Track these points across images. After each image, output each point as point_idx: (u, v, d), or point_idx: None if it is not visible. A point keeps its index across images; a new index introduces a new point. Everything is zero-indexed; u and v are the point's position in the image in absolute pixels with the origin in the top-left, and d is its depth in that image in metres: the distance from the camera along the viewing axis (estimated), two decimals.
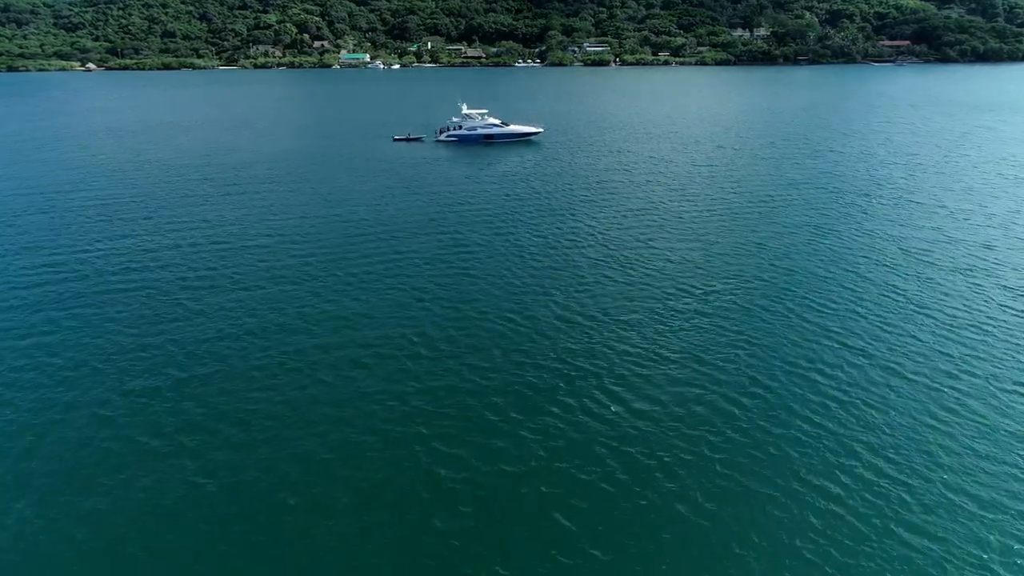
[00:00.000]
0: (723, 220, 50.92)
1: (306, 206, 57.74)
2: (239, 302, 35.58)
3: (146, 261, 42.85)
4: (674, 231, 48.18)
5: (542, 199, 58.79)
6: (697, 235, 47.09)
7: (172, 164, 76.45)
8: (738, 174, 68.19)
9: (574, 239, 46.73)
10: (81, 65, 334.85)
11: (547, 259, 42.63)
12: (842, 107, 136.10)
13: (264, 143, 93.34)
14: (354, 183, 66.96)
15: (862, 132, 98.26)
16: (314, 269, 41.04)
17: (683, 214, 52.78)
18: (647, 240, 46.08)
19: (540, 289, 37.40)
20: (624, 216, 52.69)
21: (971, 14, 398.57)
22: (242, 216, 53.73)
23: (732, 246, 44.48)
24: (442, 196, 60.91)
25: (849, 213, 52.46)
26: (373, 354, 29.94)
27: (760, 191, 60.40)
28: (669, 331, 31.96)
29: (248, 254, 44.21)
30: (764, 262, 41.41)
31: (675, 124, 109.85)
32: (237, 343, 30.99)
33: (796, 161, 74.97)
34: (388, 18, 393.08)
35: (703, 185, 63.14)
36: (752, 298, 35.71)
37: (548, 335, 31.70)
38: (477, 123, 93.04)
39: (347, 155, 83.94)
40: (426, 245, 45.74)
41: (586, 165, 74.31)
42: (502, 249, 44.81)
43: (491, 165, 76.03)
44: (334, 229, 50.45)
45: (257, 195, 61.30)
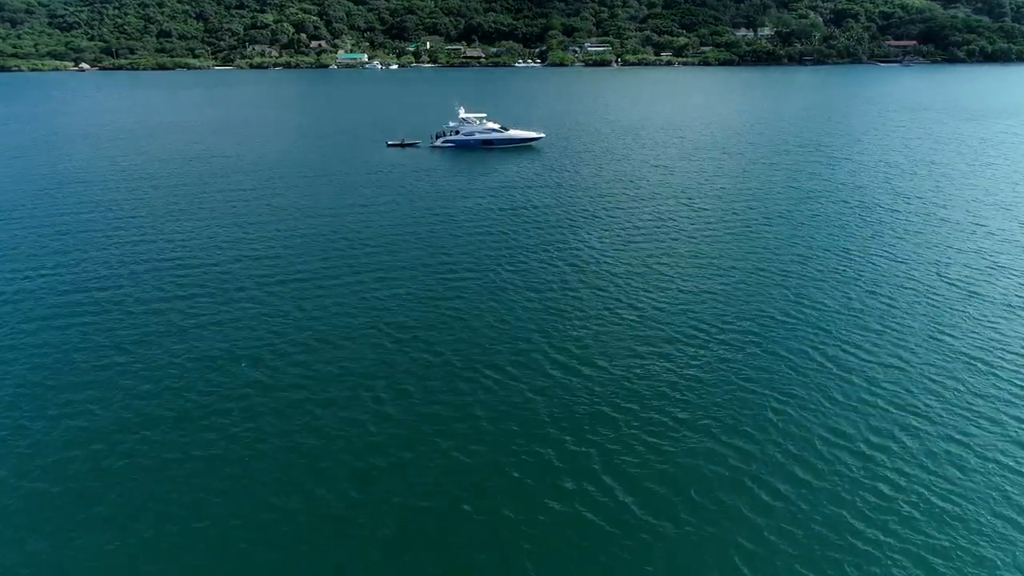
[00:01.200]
0: (739, 241, 46.03)
1: (282, 222, 52.96)
2: (189, 328, 30.79)
3: (97, 283, 38.16)
4: (685, 253, 43.31)
5: (541, 214, 53.93)
6: (711, 259, 42.22)
7: (146, 173, 71.60)
8: (751, 185, 63.31)
9: (575, 263, 41.88)
10: (75, 65, 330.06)
11: (545, 288, 37.79)
12: (852, 110, 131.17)
13: (247, 149, 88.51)
14: (339, 195, 62.18)
15: (877, 137, 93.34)
16: (277, 300, 36.24)
17: (694, 233, 47.90)
18: (655, 264, 41.21)
19: (535, 327, 32.54)
20: (630, 235, 47.83)
21: (977, 13, 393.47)
22: (209, 232, 48.95)
23: (751, 274, 39.59)
24: (433, 211, 56.20)
25: (878, 233, 47.52)
26: (332, 415, 25.13)
27: (776, 206, 55.50)
28: (684, 385, 27.11)
29: (206, 276, 39.55)
30: (789, 294, 36.52)
31: (680, 128, 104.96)
32: (188, 377, 26.20)
33: (812, 171, 70.07)
34: (386, 17, 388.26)
35: (714, 198, 58.25)
36: (780, 342, 30.84)
37: (543, 391, 26.85)
38: (475, 128, 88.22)
39: (336, 162, 79.13)
40: (410, 271, 40.97)
41: (589, 175, 69.44)
42: (495, 276, 40.02)
43: (488, 175, 71.19)
44: (304, 250, 45.73)
45: (230, 208, 56.48)
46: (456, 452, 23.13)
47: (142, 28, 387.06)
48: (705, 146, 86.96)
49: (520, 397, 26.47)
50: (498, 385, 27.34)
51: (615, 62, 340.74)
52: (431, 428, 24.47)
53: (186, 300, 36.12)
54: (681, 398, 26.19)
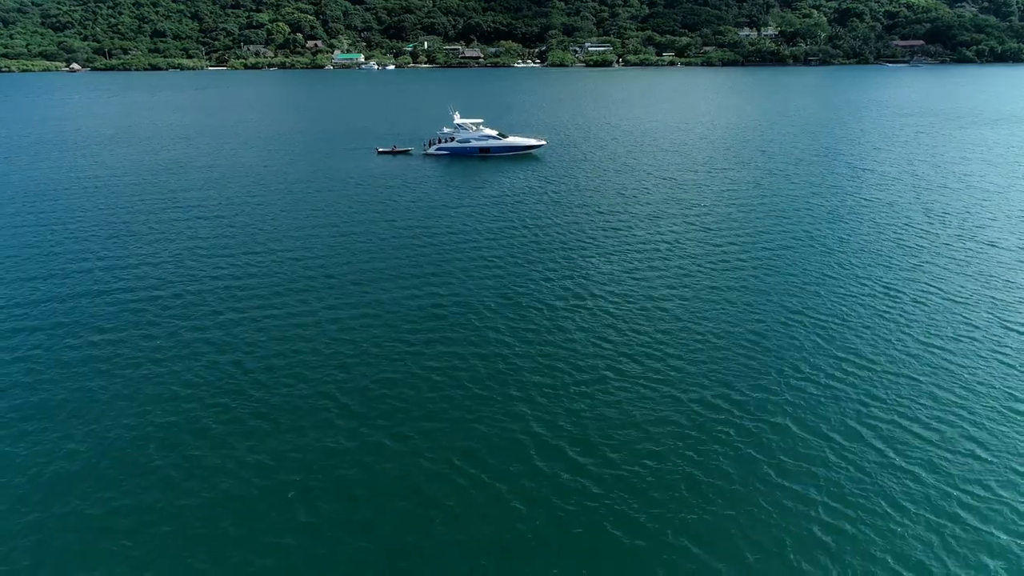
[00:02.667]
0: (759, 272, 39.88)
1: (255, 237, 47.36)
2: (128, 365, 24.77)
3: (45, 308, 32.32)
4: (697, 288, 37.17)
5: (538, 236, 47.80)
6: (727, 296, 36.08)
7: (115, 183, 65.56)
8: (767, 202, 57.16)
9: (575, 299, 35.83)
10: (66, 66, 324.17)
11: (539, 329, 31.76)
12: (866, 113, 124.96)
13: (228, 156, 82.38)
14: (321, 209, 56.42)
15: (898, 145, 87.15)
16: (242, 329, 30.37)
17: (707, 262, 41.76)
18: (664, 302, 35.10)
19: (524, 387, 26.47)
20: (635, 261, 41.74)
21: (984, 13, 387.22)
22: (161, 256, 42.98)
23: (778, 317, 33.45)
24: (422, 227, 50.54)
25: (921, 264, 41.31)
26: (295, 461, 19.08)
27: (799, 228, 49.33)
28: (704, 476, 21.04)
29: (166, 301, 33.79)
30: (827, 346, 30.36)
31: (686, 134, 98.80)
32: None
33: (833, 184, 63.91)
34: (384, 17, 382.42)
35: (727, 218, 52.11)
36: (820, 413, 24.74)
37: (530, 477, 20.80)
38: (471, 135, 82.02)
39: (321, 172, 73.15)
40: (390, 300, 35.09)
41: (591, 189, 63.29)
42: (485, 310, 34.26)
43: (482, 187, 65.11)
44: (281, 270, 40.25)
45: (187, 228, 50.48)
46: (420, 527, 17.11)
47: (136, 28, 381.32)
48: (713, 155, 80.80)
49: (496, 493, 20.41)
50: (476, 486, 21.27)
51: (616, 62, 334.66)
52: (401, 504, 18.44)
53: (126, 334, 30.14)
54: (699, 496, 20.10)
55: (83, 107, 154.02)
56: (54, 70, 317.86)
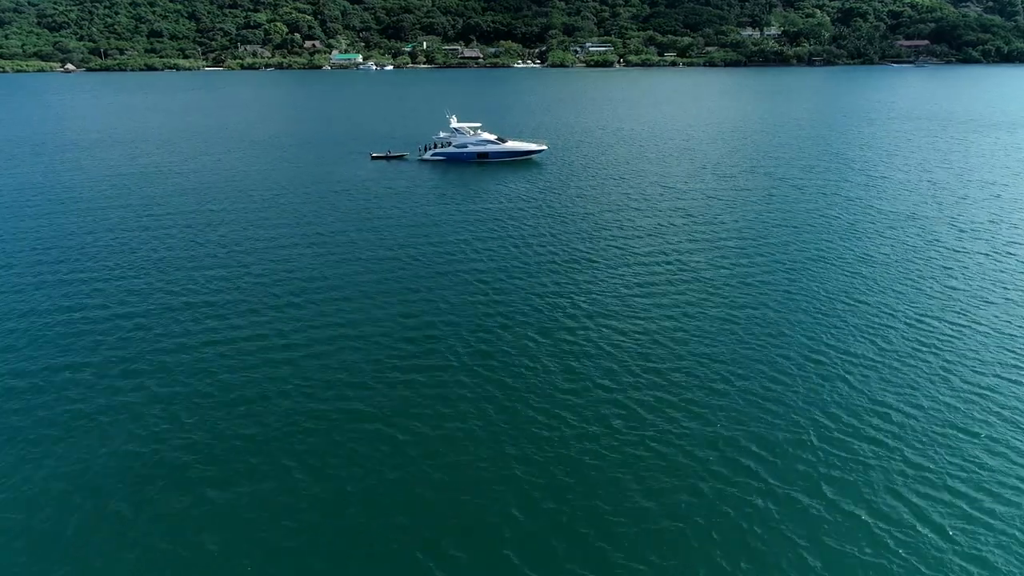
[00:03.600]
0: (776, 299, 36.11)
1: (230, 252, 43.93)
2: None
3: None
4: (707, 317, 33.38)
5: (537, 251, 44.07)
6: (740, 322, 32.33)
7: (87, 191, 61.92)
8: (779, 215, 53.39)
9: (572, 324, 32.18)
10: (60, 66, 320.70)
11: (531, 363, 28.03)
12: (875, 116, 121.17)
13: (211, 161, 78.68)
14: (305, 219, 53.00)
15: (912, 151, 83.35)
16: (208, 353, 26.85)
17: (717, 283, 38.00)
18: (672, 332, 31.34)
19: (512, 433, 22.76)
20: (638, 282, 38.03)
21: (988, 12, 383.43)
22: (141, 264, 39.46)
23: (799, 351, 29.71)
24: (412, 242, 47.12)
25: (955, 290, 37.44)
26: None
27: (816, 245, 45.53)
28: (721, 536, 17.33)
29: (128, 322, 30.29)
30: (856, 390, 26.62)
31: (690, 139, 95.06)
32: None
33: (849, 195, 60.10)
34: (382, 17, 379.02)
35: (738, 233, 48.33)
36: (857, 481, 21.01)
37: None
38: (469, 139, 78.27)
39: (309, 179, 69.58)
40: (372, 322, 31.56)
41: (592, 199, 59.49)
42: (479, 334, 30.83)
43: (480, 196, 61.48)
44: (254, 289, 37.02)
45: (171, 234, 47.10)
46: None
47: (133, 28, 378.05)
48: (719, 161, 77.02)
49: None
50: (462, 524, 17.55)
51: (617, 63, 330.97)
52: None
53: (83, 358, 26.49)
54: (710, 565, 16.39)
55: (70, 108, 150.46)
56: (49, 70, 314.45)
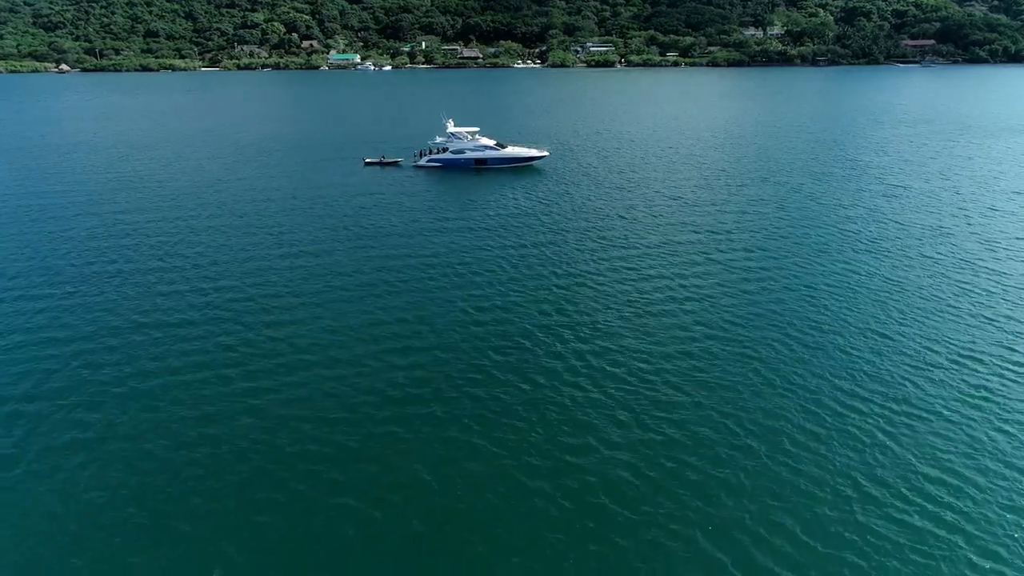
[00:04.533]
0: (799, 331, 32.12)
1: (204, 268, 40.32)
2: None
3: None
4: (723, 355, 29.42)
5: (536, 270, 40.21)
6: (759, 358, 28.37)
7: (59, 199, 57.95)
8: (796, 230, 49.36)
9: (573, 351, 28.40)
10: (55, 66, 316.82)
11: (531, 391, 24.14)
12: (886, 119, 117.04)
13: (194, 167, 74.71)
14: (288, 232, 49.62)
15: (930, 158, 79.23)
16: (174, 382, 23.01)
17: (730, 310, 34.03)
18: (682, 362, 27.39)
19: (516, 456, 18.86)
20: (645, 305, 34.21)
21: (994, 12, 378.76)
22: (105, 282, 35.70)
23: (830, 396, 25.75)
24: (403, 256, 43.83)
25: (994, 322, 33.38)
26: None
27: (838, 265, 41.51)
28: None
29: (93, 346, 26.51)
30: (897, 451, 22.66)
31: (695, 143, 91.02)
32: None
33: (869, 206, 56.01)
34: (381, 16, 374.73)
35: (752, 251, 44.33)
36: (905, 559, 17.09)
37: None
38: (466, 145, 74.29)
39: (296, 186, 65.93)
40: (363, 351, 27.85)
41: (595, 210, 55.43)
42: (471, 357, 27.46)
43: (477, 206, 57.72)
44: (227, 311, 33.64)
45: (141, 249, 43.25)
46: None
47: (129, 28, 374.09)
48: (727, 168, 72.97)
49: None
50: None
51: (619, 63, 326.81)
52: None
53: (37, 387, 22.65)
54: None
55: (57, 110, 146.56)
56: (43, 71, 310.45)
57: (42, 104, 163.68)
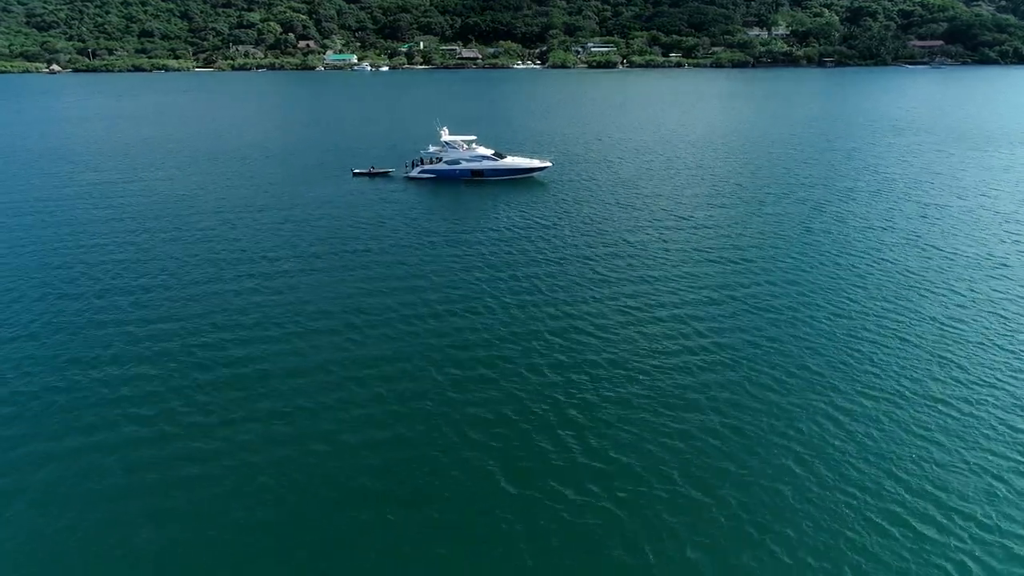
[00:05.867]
0: (837, 388, 26.31)
1: (165, 292, 34.66)
2: None
3: None
4: (751, 431, 23.62)
5: (530, 307, 34.45)
6: (794, 433, 22.58)
7: (13, 213, 52.41)
8: (823, 259, 43.45)
9: (567, 438, 22.44)
10: (46, 67, 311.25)
11: (528, 445, 18.43)
12: (905, 126, 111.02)
13: (165, 178, 68.87)
14: (262, 252, 44.71)
15: (962, 171, 73.03)
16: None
17: (757, 366, 28.18)
18: (701, 457, 21.61)
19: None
20: (653, 357, 28.25)
21: (1001, 12, 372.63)
22: (52, 310, 30.02)
23: (886, 475, 19.97)
24: (389, 281, 38.77)
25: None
26: None
27: (880, 311, 35.62)
28: None
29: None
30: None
31: (704, 153, 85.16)
32: None
33: (905, 230, 50.04)
34: (379, 16, 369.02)
35: (776, 285, 38.46)
36: None
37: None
38: (462, 155, 68.58)
39: (276, 200, 60.70)
40: (314, 396, 22.04)
41: (598, 233, 49.52)
42: (461, 420, 21.42)
43: (469, 224, 52.28)
44: (188, 344, 28.40)
45: (100, 268, 37.43)
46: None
47: (123, 27, 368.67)
48: (742, 183, 67.02)
49: None
50: None
51: (620, 64, 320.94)
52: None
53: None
54: None
55: (35, 113, 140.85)
56: (34, 71, 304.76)
57: (19, 106, 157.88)
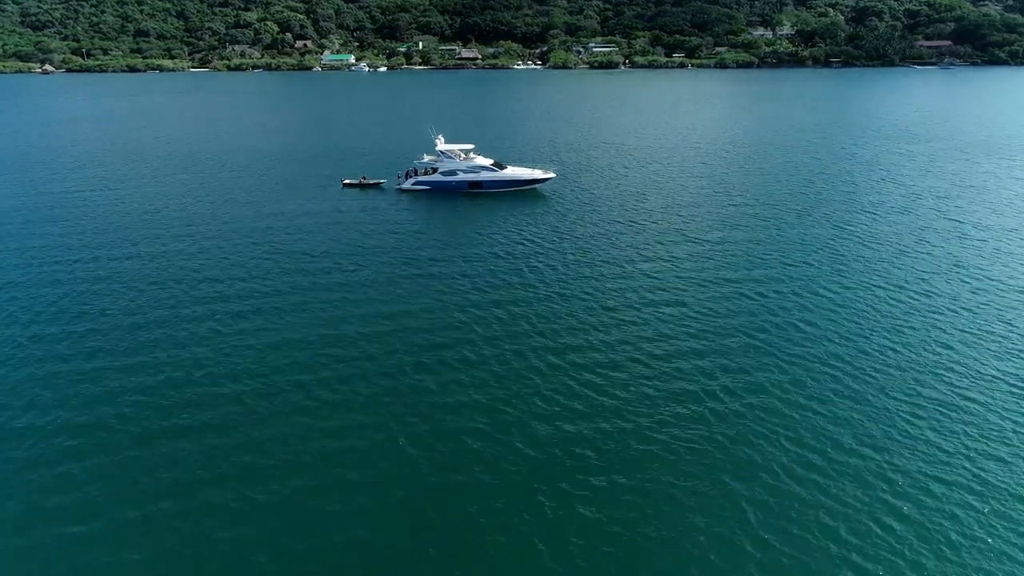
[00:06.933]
0: (897, 481, 21.30)
1: (113, 318, 29.72)
2: None
3: None
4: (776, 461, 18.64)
5: (526, 354, 29.43)
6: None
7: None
8: (853, 292, 38.38)
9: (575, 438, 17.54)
10: (39, 67, 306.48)
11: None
12: (920, 132, 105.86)
13: (132, 190, 63.80)
14: (236, 274, 39.22)
15: (999, 186, 67.99)
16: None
17: (782, 424, 23.17)
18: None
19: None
20: (667, 393, 23.24)
21: (1009, 11, 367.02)
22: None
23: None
24: (365, 318, 33.48)
25: None
26: None
27: (933, 359, 30.59)
28: None
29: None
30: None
31: (714, 162, 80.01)
32: None
33: (945, 258, 44.88)
34: (377, 16, 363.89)
35: (805, 324, 33.39)
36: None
37: None
38: (459, 165, 63.81)
39: (257, 213, 56.24)
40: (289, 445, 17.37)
41: (605, 260, 44.35)
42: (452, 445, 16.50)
43: (465, 241, 47.57)
44: (150, 375, 23.58)
45: (52, 290, 32.52)
46: None
47: (119, 27, 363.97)
48: (757, 198, 61.84)
49: None
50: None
51: (623, 64, 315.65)
52: None
53: None
54: None
55: (11, 116, 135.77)
56: (26, 71, 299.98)
57: (6, 109, 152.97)
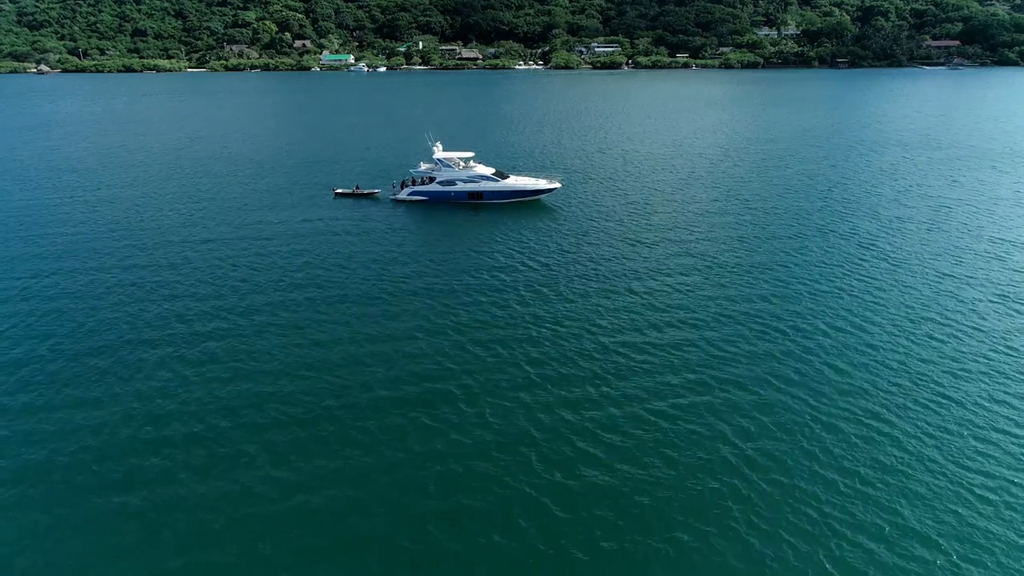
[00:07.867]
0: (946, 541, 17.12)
1: (76, 342, 25.04)
2: None
3: None
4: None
5: (521, 384, 25.10)
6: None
7: None
8: (880, 325, 34.13)
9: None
10: (35, 67, 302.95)
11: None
12: (942, 138, 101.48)
13: (111, 200, 59.69)
14: (216, 293, 35.40)
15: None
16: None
17: (804, 441, 18.98)
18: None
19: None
20: (675, 433, 19.07)
21: (1016, 11, 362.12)
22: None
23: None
24: (352, 341, 29.93)
25: None
26: None
27: (1001, 409, 26.38)
28: None
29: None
30: None
31: (725, 171, 75.73)
32: None
33: (986, 284, 40.61)
34: (377, 15, 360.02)
35: (839, 365, 29.14)
36: None
37: None
38: (458, 174, 59.82)
39: (243, 227, 52.24)
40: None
41: (611, 287, 40.07)
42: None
43: (462, 258, 43.37)
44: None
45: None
46: None
47: (116, 27, 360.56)
48: (780, 212, 57.45)
49: None
50: None
51: (626, 64, 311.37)
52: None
53: None
54: None
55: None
56: (22, 71, 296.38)
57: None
